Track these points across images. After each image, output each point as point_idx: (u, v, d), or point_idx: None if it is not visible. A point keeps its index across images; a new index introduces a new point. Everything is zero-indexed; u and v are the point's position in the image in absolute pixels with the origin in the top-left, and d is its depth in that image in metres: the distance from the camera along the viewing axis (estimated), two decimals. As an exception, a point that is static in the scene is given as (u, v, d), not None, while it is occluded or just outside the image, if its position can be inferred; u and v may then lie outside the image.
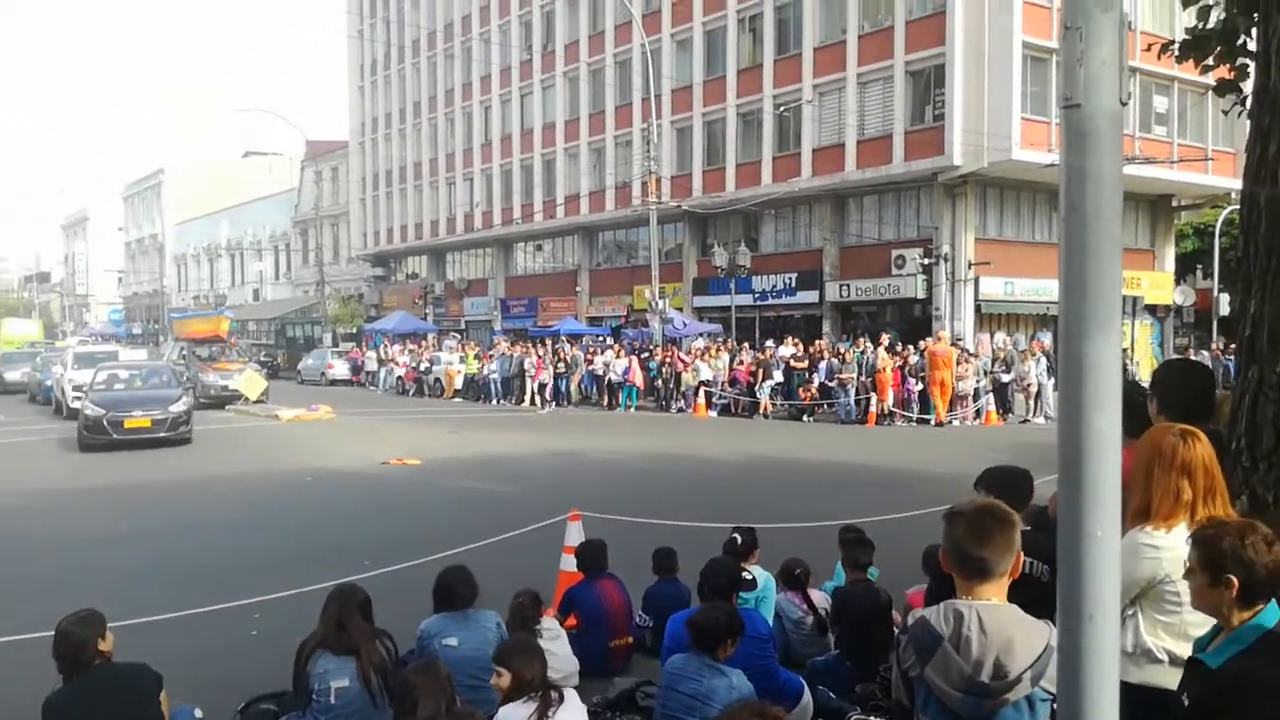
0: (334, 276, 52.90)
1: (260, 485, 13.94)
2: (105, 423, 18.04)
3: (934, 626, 2.64)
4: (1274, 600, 2.54)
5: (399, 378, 35.60)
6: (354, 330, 49.52)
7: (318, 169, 56.44)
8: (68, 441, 18.96)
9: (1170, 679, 2.83)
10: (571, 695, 4.12)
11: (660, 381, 26.75)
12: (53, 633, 4.25)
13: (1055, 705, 2.64)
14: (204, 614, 7.03)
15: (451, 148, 47.61)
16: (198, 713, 4.76)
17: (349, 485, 13.95)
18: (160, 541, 10.12)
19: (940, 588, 3.29)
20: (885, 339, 24.64)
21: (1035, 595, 2.89)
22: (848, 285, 30.94)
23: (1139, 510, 2.98)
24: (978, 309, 28.60)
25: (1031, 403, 22.57)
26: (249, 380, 28.32)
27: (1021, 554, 2.70)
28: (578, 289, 41.29)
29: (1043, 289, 29.00)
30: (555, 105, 41.46)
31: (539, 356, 30.04)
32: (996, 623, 2.58)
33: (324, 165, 57.21)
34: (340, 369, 40.31)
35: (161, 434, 18.39)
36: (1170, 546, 2.92)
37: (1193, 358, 27.73)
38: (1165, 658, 2.92)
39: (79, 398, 20.44)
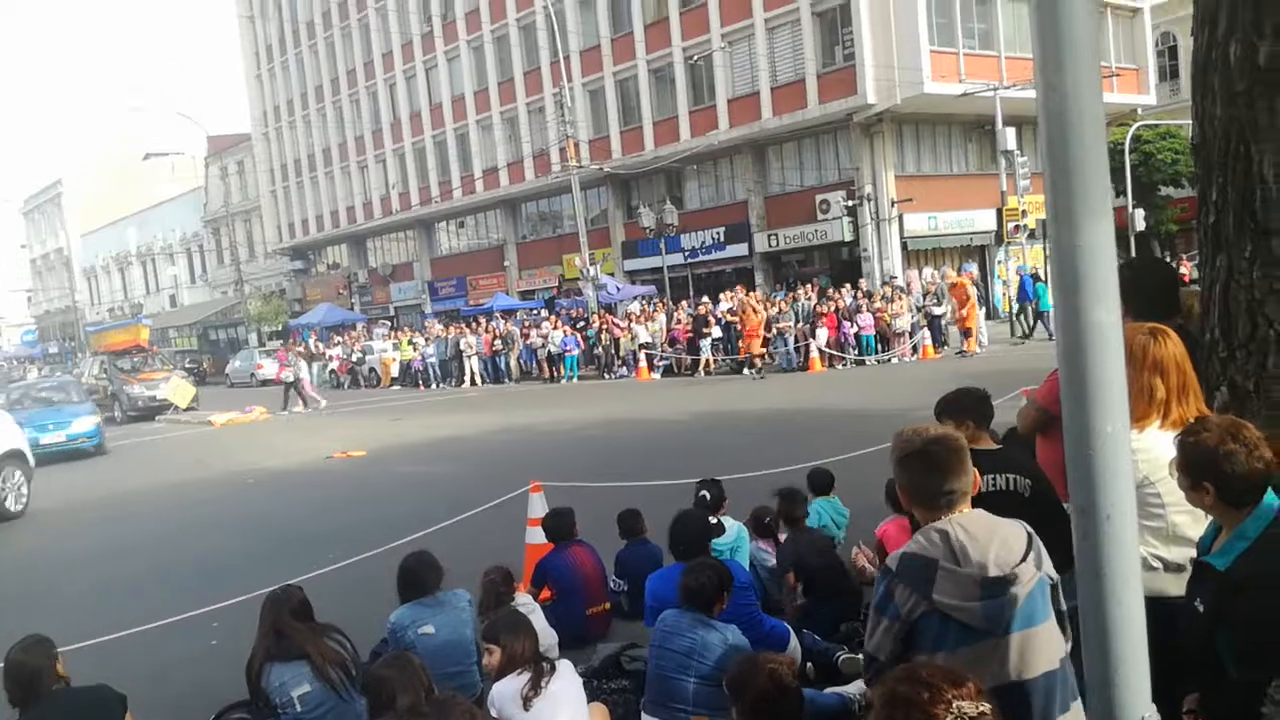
0: (252, 274, 51.35)
1: (200, 492, 13.45)
2: None
3: (923, 555, 2.54)
4: (1269, 491, 2.47)
5: (332, 370, 34.84)
6: (279, 328, 48.17)
7: (223, 164, 54.58)
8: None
9: (1169, 586, 2.78)
10: (564, 664, 4.01)
11: (600, 349, 26.57)
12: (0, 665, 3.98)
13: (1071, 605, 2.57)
14: (159, 628, 6.73)
15: (360, 130, 46.35)
16: (167, 730, 4.54)
17: (294, 483, 13.56)
18: (103, 561, 9.69)
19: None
20: (816, 284, 24.83)
21: (1017, 512, 2.81)
22: (775, 234, 31.05)
23: None
24: (904, 246, 28.97)
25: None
26: (176, 388, 27.43)
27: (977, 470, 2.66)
28: (505, 264, 40.75)
29: (965, 220, 29.46)
30: (462, 77, 40.60)
31: (292, 351, 27.93)
32: (979, 526, 2.53)
33: (229, 160, 55.33)
34: (270, 368, 39.13)
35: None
36: (1146, 448, 2.86)
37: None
38: (1159, 565, 2.85)
39: None
